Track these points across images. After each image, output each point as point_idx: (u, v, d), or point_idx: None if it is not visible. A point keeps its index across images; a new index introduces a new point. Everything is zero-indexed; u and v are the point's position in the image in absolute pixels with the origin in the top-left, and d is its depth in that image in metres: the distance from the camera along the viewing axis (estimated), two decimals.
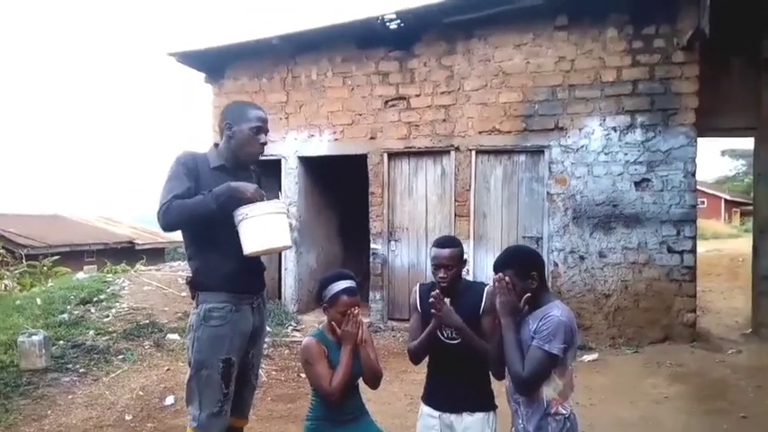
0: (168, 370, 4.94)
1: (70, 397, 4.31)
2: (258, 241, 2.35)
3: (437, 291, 2.75)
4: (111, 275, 7.99)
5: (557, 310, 2.44)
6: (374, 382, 3.06)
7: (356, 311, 2.86)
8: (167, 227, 2.40)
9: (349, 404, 3.01)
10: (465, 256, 3.01)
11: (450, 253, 2.88)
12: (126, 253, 19.14)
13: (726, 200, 33.96)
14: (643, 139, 6.18)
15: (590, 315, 6.28)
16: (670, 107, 6.10)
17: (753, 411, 4.21)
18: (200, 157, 2.49)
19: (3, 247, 9.13)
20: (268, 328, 6.34)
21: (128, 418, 4.04)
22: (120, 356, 5.11)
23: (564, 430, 2.44)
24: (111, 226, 22.63)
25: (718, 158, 32.67)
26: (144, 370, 4.91)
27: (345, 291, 2.86)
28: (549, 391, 2.43)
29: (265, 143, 2.57)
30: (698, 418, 4.17)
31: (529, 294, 2.48)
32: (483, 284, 2.96)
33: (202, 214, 2.34)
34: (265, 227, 2.33)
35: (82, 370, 4.77)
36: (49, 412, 4.06)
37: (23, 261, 9.47)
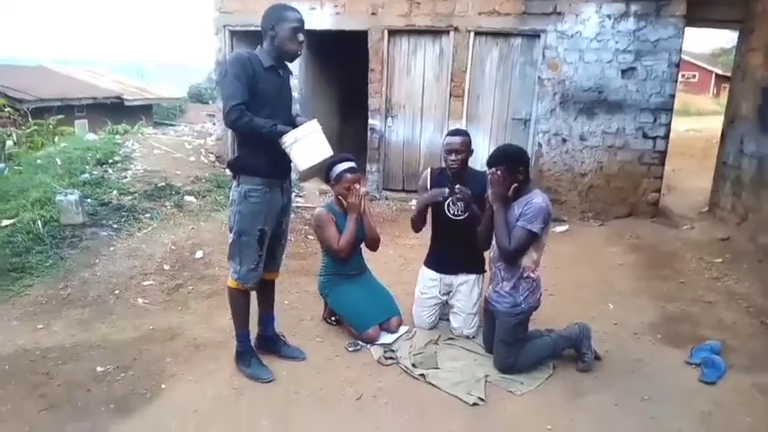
0: (192, 228, 5.56)
1: (112, 249, 4.94)
2: (310, 157, 2.85)
3: (458, 186, 3.38)
4: (119, 137, 8.33)
5: (539, 198, 3.08)
6: (374, 245, 3.81)
7: (358, 187, 3.54)
8: (231, 129, 2.95)
9: (353, 262, 3.76)
10: (472, 147, 3.61)
11: (461, 140, 3.54)
12: (116, 109, 19.08)
13: (717, 74, 33.72)
14: (635, 28, 6.44)
15: (566, 192, 6.96)
16: None
17: (690, 278, 4.97)
18: (255, 58, 2.85)
19: (8, 106, 9.24)
20: None
21: (166, 267, 4.71)
22: (147, 215, 5.68)
23: (531, 289, 3.19)
24: (97, 79, 22.22)
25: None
26: (170, 228, 5.52)
27: (348, 170, 3.54)
28: (525, 260, 3.14)
29: (303, 41, 2.93)
30: (644, 281, 4.92)
31: (516, 185, 3.10)
32: (486, 173, 3.58)
33: (263, 135, 2.83)
34: (312, 145, 2.84)
35: (115, 226, 5.35)
36: (96, 261, 4.70)
37: (29, 119, 9.65)
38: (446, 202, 3.50)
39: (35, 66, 21.73)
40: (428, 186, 3.62)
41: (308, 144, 2.83)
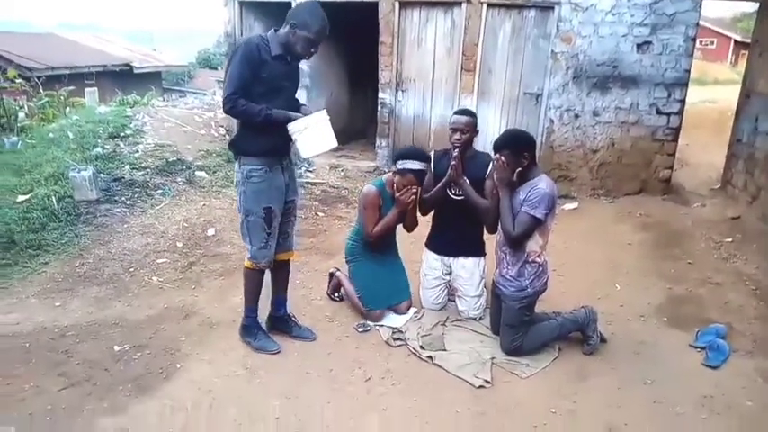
0: (204, 205, 5.62)
1: (125, 226, 5.02)
2: (316, 147, 2.95)
3: (457, 153, 3.41)
4: (129, 110, 8.33)
5: (543, 183, 3.09)
6: (412, 229, 3.78)
7: (414, 189, 3.49)
8: (229, 115, 3.01)
9: (385, 242, 3.75)
10: (478, 128, 3.60)
11: (466, 120, 3.54)
12: (125, 76, 19.07)
13: (736, 41, 32.74)
14: (651, 0, 6.29)
15: (576, 168, 6.92)
16: None
17: (698, 258, 4.95)
18: (264, 46, 2.91)
19: (19, 76, 9.19)
20: None
21: (179, 245, 4.79)
22: (159, 191, 5.74)
23: (537, 273, 3.22)
24: (106, 46, 22.11)
25: None
26: (182, 204, 5.59)
27: (416, 172, 3.48)
28: (531, 245, 3.16)
29: (315, 53, 3.01)
30: (652, 261, 4.92)
31: (520, 169, 3.12)
32: (490, 155, 3.58)
33: (257, 123, 2.92)
34: (319, 134, 2.93)
35: (129, 202, 5.43)
36: (111, 238, 4.79)
37: (41, 90, 9.64)
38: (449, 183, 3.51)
39: (45, 33, 21.65)
40: (432, 169, 3.64)
41: (315, 133, 2.92)
